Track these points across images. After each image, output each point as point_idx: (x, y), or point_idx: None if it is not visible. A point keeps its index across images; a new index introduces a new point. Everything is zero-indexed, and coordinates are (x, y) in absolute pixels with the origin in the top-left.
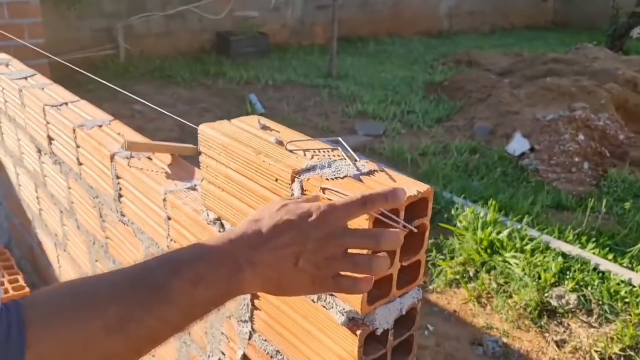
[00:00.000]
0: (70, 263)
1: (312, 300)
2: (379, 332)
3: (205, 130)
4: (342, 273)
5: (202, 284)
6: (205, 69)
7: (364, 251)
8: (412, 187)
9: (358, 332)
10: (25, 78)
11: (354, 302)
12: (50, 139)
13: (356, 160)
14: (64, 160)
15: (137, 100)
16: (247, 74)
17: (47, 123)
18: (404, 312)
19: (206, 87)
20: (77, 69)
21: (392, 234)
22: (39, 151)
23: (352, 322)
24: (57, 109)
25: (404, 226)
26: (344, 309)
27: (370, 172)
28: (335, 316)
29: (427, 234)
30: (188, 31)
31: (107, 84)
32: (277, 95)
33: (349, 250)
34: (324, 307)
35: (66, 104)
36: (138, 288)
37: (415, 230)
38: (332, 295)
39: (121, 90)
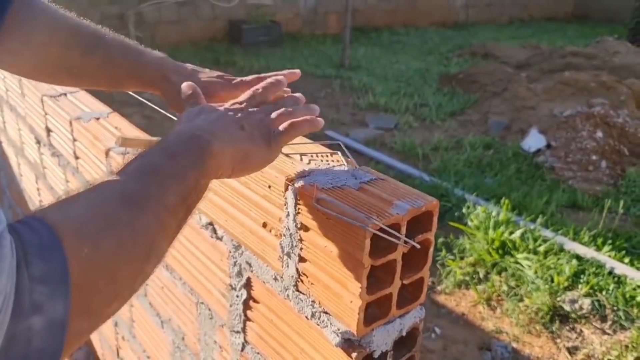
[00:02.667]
0: None
1: (306, 317)
2: (376, 354)
3: None
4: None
5: (178, 156)
6: (216, 57)
7: None
8: (417, 200)
9: (353, 354)
10: None
11: (349, 322)
12: (48, 130)
13: (356, 167)
14: (61, 153)
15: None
16: (258, 63)
17: (45, 114)
18: (404, 333)
19: None
20: None
21: (288, 97)
22: (38, 142)
23: (347, 344)
24: (55, 99)
25: (405, 242)
26: (338, 329)
27: (371, 181)
28: (330, 336)
29: (431, 249)
30: (200, 19)
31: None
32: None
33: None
34: (318, 324)
35: (65, 94)
36: (129, 174)
37: (418, 247)
38: (326, 313)
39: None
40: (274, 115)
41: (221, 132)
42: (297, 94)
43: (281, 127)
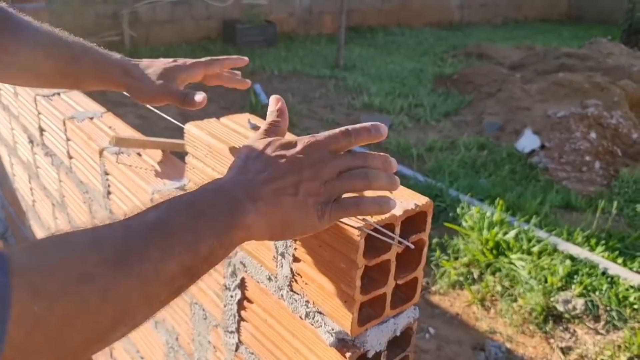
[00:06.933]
0: None
1: (300, 317)
2: (370, 354)
3: (191, 129)
4: (344, 196)
5: (202, 218)
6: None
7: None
8: (411, 200)
9: (347, 354)
10: None
11: (343, 322)
12: (41, 130)
13: None
14: (55, 153)
15: None
16: (252, 63)
17: (39, 113)
18: (398, 333)
19: None
20: None
21: (377, 155)
22: (31, 142)
23: (342, 344)
24: (48, 99)
25: (400, 242)
26: (332, 329)
27: None
28: (324, 336)
29: (425, 250)
30: (194, 18)
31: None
32: (283, 86)
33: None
34: (312, 324)
35: (58, 93)
36: (133, 226)
37: (412, 247)
38: (320, 313)
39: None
40: (342, 183)
41: (267, 199)
42: (387, 156)
43: (344, 199)
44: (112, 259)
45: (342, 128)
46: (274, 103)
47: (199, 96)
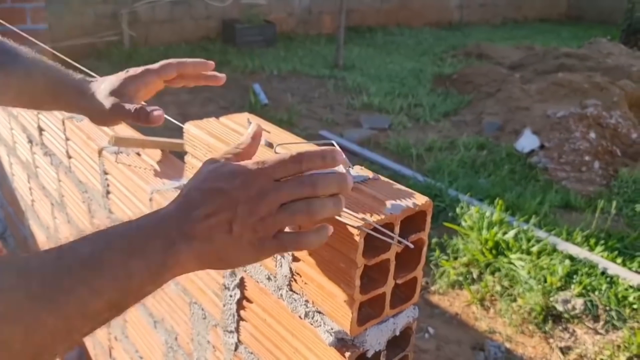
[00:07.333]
0: None
1: (300, 317)
2: (369, 353)
3: (190, 129)
4: (286, 230)
5: (135, 255)
6: (209, 57)
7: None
8: (410, 199)
9: (347, 354)
10: None
11: (343, 322)
12: (40, 129)
13: (350, 167)
14: (54, 153)
15: None
16: (252, 63)
17: (38, 113)
18: (397, 333)
19: None
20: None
21: (332, 175)
22: (31, 142)
23: (341, 343)
24: None
25: (399, 241)
26: (332, 329)
27: (364, 181)
28: (323, 335)
29: (424, 249)
30: (193, 18)
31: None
32: (282, 86)
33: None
34: (312, 324)
35: None
36: (66, 259)
37: (412, 246)
38: (320, 313)
39: None
40: (282, 217)
41: (200, 236)
42: (344, 176)
43: (283, 234)
44: (39, 296)
45: (294, 153)
46: (251, 129)
47: (157, 112)
